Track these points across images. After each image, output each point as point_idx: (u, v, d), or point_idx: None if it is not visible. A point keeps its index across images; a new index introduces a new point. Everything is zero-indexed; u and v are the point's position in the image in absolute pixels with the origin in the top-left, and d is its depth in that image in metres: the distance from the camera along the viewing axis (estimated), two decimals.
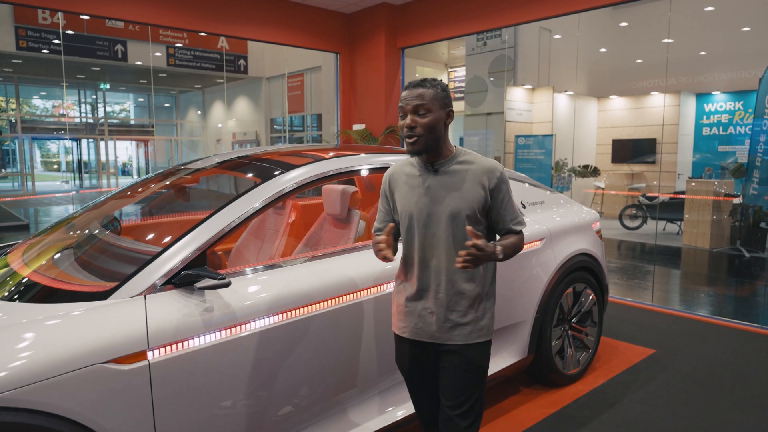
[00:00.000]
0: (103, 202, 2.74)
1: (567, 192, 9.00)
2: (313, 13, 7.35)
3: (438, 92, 1.77)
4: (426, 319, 1.84)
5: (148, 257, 1.85)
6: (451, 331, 1.82)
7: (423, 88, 1.76)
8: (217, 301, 1.81)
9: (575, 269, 3.26)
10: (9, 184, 17.48)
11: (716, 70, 9.56)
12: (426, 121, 1.74)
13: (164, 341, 1.66)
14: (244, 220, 1.99)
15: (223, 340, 1.78)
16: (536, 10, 5.88)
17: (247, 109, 15.95)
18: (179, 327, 1.70)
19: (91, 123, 18.63)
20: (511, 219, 1.85)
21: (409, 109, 1.75)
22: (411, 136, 1.75)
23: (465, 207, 1.77)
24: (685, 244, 7.80)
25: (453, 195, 1.78)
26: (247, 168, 2.52)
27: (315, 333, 2.06)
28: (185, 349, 1.70)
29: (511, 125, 9.37)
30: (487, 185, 1.80)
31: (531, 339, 2.99)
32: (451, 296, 1.80)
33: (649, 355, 3.74)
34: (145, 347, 1.62)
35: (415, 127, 1.74)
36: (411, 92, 1.76)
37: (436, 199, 1.80)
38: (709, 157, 9.69)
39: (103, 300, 1.69)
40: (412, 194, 1.84)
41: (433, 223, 1.79)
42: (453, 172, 1.80)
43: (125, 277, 1.76)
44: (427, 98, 1.75)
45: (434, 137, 1.76)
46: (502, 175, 1.82)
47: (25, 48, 11.23)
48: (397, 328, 1.94)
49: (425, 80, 1.79)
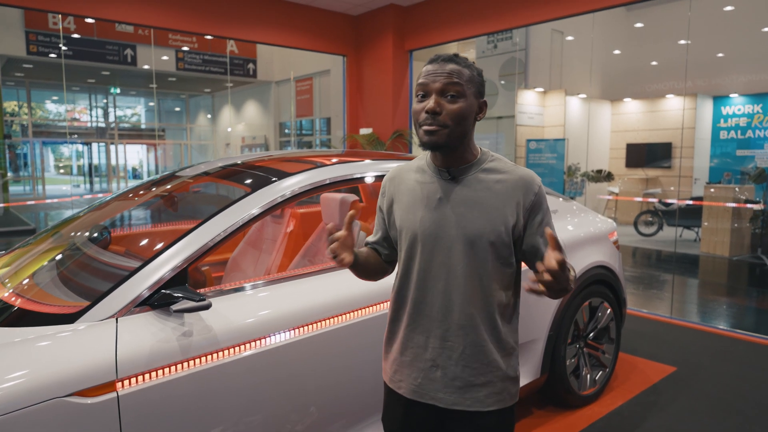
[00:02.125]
0: (91, 211, 2.59)
1: (580, 198, 8.77)
2: (319, 16, 7.22)
3: (474, 75, 1.32)
4: (428, 374, 1.38)
5: (126, 274, 1.70)
6: (462, 393, 1.36)
7: (456, 64, 1.30)
8: (197, 324, 1.64)
9: (591, 283, 3.06)
10: (20, 187, 17.56)
11: (734, 72, 9.29)
12: (456, 108, 1.27)
13: (136, 370, 1.50)
14: (230, 234, 1.82)
15: (202, 368, 1.61)
16: (548, 10, 5.68)
17: (256, 113, 15.89)
18: (153, 354, 1.53)
19: (102, 127, 18.70)
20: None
21: (436, 87, 1.28)
22: (431, 124, 1.28)
23: (489, 230, 1.31)
24: (703, 251, 7.54)
25: (474, 213, 1.32)
26: (239, 176, 2.36)
27: (305, 358, 1.88)
28: (159, 378, 1.54)
29: (522, 129, 9.17)
30: (522, 202, 1.34)
31: (544, 358, 2.80)
32: (465, 346, 1.35)
33: (670, 373, 3.52)
34: (113, 377, 1.46)
35: (439, 113, 1.27)
36: (440, 66, 1.29)
37: (448, 217, 1.33)
38: (727, 161, 9.40)
39: (70, 323, 1.53)
40: (417, 208, 1.37)
41: (442, 250, 1.33)
42: (476, 182, 1.34)
43: (96, 298, 1.60)
44: (462, 78, 1.29)
45: (461, 132, 1.30)
46: (541, 191, 1.36)
47: (35, 53, 11.25)
48: (388, 378, 1.47)
49: (457, 56, 1.32)
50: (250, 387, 1.73)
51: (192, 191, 2.95)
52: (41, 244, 2.36)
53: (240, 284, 1.89)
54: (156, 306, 1.63)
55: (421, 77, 1.32)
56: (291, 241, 3.02)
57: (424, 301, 1.36)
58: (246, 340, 1.72)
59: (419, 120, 1.31)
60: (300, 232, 3.09)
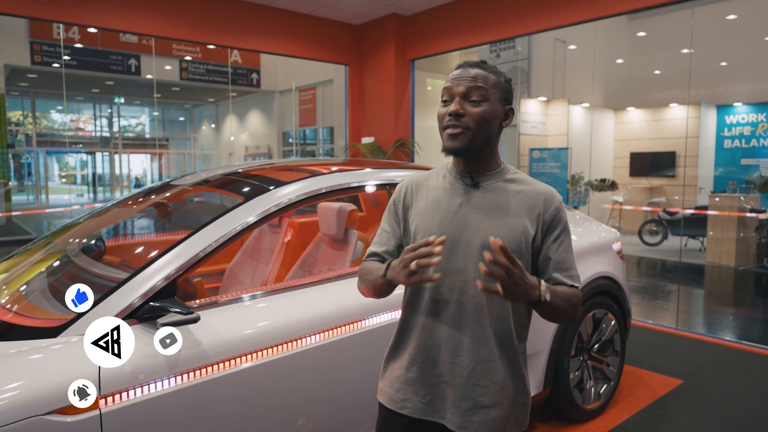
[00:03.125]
0: (84, 221, 2.55)
1: (584, 207, 8.71)
2: (322, 25, 7.21)
3: (500, 81, 1.31)
4: (437, 391, 1.31)
5: (114, 285, 1.65)
6: (470, 416, 1.29)
7: (482, 69, 1.30)
8: (186, 337, 1.58)
9: (595, 294, 2.99)
10: (24, 197, 17.60)
11: (738, 81, 9.25)
12: (479, 111, 1.26)
13: (120, 386, 1.44)
14: (221, 244, 1.77)
15: (189, 383, 1.55)
16: (550, 19, 5.66)
17: (260, 123, 15.93)
18: (138, 369, 1.48)
19: (106, 137, 18.77)
20: (564, 268, 1.31)
21: (460, 91, 1.27)
22: (455, 127, 1.26)
23: (509, 238, 1.27)
24: (709, 261, 7.46)
25: (493, 220, 1.29)
26: (233, 185, 2.32)
27: (298, 373, 1.82)
28: (145, 395, 1.48)
29: (525, 138, 9.13)
30: (541, 215, 1.31)
31: (547, 371, 2.73)
32: (477, 362, 1.28)
33: (677, 386, 3.44)
34: (96, 394, 1.40)
35: (462, 116, 1.26)
36: (465, 71, 1.29)
37: (468, 223, 1.29)
38: (732, 170, 9.34)
39: (53, 337, 1.48)
40: (436, 213, 1.33)
41: (460, 255, 1.28)
42: (498, 190, 1.32)
43: (82, 311, 1.55)
44: (486, 83, 1.28)
45: (485, 136, 1.28)
46: (561, 207, 1.34)
47: (40, 62, 11.32)
48: (387, 398, 1.38)
49: (485, 62, 1.33)
50: (240, 403, 1.67)
51: (191, 200, 2.91)
52: (34, 255, 2.32)
53: (231, 296, 1.84)
54: (143, 319, 1.58)
55: (447, 82, 1.32)
56: (288, 251, 2.97)
57: (437, 310, 1.31)
58: (236, 354, 1.66)
59: (443, 123, 1.30)
60: (298, 242, 3.04)
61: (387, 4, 6.66)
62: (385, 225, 1.45)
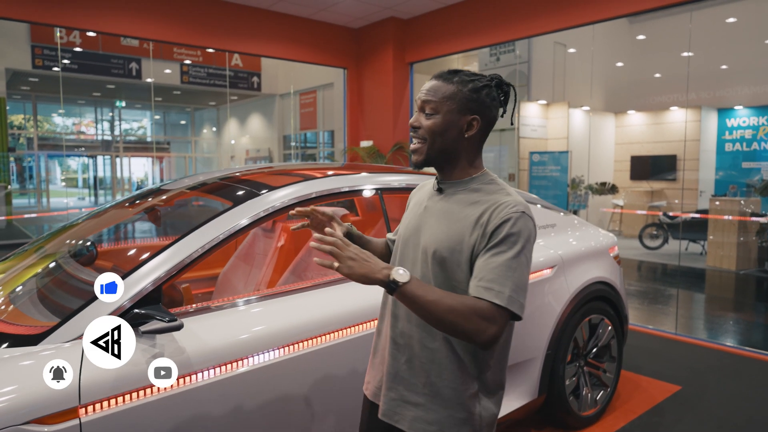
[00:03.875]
0: (76, 225, 2.53)
1: (584, 211, 8.67)
2: (320, 29, 7.21)
3: (460, 91, 1.28)
4: (383, 378, 1.40)
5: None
6: (394, 407, 1.35)
7: (441, 80, 1.32)
8: (169, 345, 1.56)
9: (591, 299, 2.96)
10: (25, 200, 17.62)
11: (738, 84, 9.20)
12: (429, 124, 1.30)
13: (100, 395, 1.42)
14: (209, 250, 1.75)
15: (172, 392, 1.53)
16: (548, 22, 5.64)
17: (261, 126, 15.94)
18: (120, 378, 1.45)
19: (107, 140, 18.79)
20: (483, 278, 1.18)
21: (418, 104, 1.34)
22: (415, 139, 1.34)
23: (444, 245, 1.27)
24: (710, 265, 7.41)
25: (439, 225, 1.31)
26: (223, 190, 2.29)
27: (285, 381, 1.79)
28: (126, 404, 1.46)
29: (525, 141, 9.10)
30: (485, 223, 1.23)
31: (542, 377, 2.70)
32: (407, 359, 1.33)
33: (675, 392, 3.40)
34: (75, 403, 1.38)
35: (418, 128, 1.32)
36: (426, 84, 1.34)
37: (422, 226, 1.35)
38: (733, 174, 9.29)
39: (34, 345, 1.45)
40: (409, 214, 1.45)
41: (408, 256, 1.37)
42: (457, 198, 1.33)
43: (64, 318, 1.53)
44: (437, 95, 1.30)
45: (441, 148, 1.30)
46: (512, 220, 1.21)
47: (41, 66, 11.33)
48: (365, 382, 1.52)
49: (455, 72, 1.32)
50: (226, 412, 1.65)
51: (186, 205, 2.89)
52: (24, 260, 2.30)
53: (218, 302, 1.81)
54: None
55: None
56: (282, 255, 2.94)
57: (388, 304, 1.42)
58: (221, 362, 1.64)
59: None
60: (291, 247, 3.01)
61: (385, 7, 6.65)
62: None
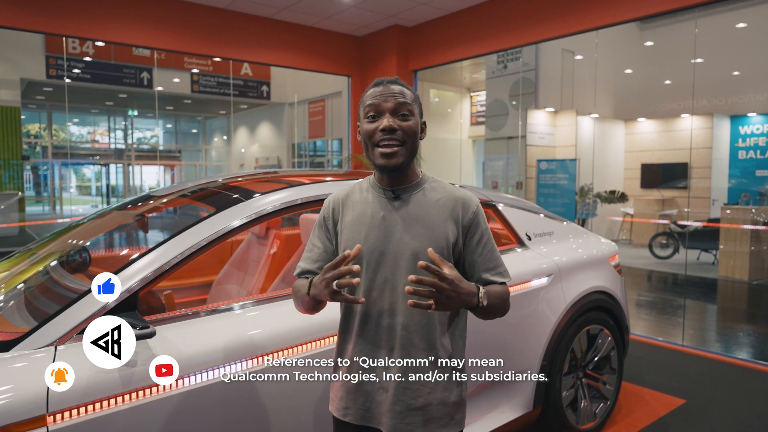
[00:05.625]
0: (68, 230, 2.53)
1: (592, 219, 8.57)
2: (325, 37, 7.23)
3: (416, 96, 1.40)
4: (375, 397, 1.36)
5: (75, 297, 1.61)
6: (402, 418, 1.34)
7: (399, 85, 1.37)
8: (143, 353, 1.54)
9: (589, 309, 2.89)
10: (39, 207, 17.88)
11: (751, 90, 9.06)
12: (410, 125, 1.34)
13: (70, 403, 1.39)
14: (188, 256, 1.73)
15: (143, 401, 1.50)
16: (555, 27, 5.59)
17: (270, 135, 16.04)
18: (91, 385, 1.43)
19: (120, 149, 19.01)
20: (489, 267, 1.40)
21: (388, 107, 1.33)
22: (391, 144, 1.32)
23: (430, 246, 1.33)
24: (721, 275, 7.26)
25: (416, 229, 1.35)
26: (209, 197, 2.28)
27: (262, 391, 1.75)
28: (96, 412, 1.43)
29: (532, 149, 9.03)
30: (460, 220, 1.39)
31: (537, 389, 2.63)
32: (406, 366, 1.34)
33: (679, 406, 3.31)
34: (43, 411, 1.36)
35: (396, 131, 1.32)
36: (387, 89, 1.35)
37: (391, 234, 1.36)
38: (746, 182, 9.13)
39: (5, 351, 1.44)
40: (361, 226, 1.38)
41: (387, 266, 1.34)
42: (417, 201, 1.38)
43: (37, 324, 1.51)
44: (408, 97, 1.36)
45: (414, 150, 1.38)
46: (479, 210, 1.42)
47: (55, 76, 11.51)
48: (334, 407, 1.44)
49: (399, 79, 1.41)
50: (199, 423, 1.62)
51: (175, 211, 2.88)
52: (14, 266, 2.29)
53: (199, 309, 1.79)
54: None
55: (370, 98, 1.37)
56: (274, 263, 2.92)
57: (370, 320, 1.37)
58: (196, 370, 1.61)
59: (375, 139, 1.35)
60: (284, 254, 3.00)
61: (389, 15, 6.65)
62: (315, 241, 1.47)
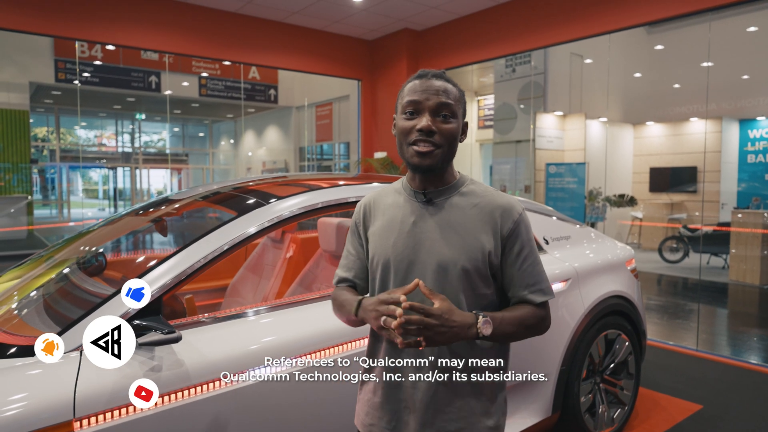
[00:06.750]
0: (85, 234, 2.53)
1: (601, 223, 8.53)
2: (334, 41, 7.25)
3: (461, 95, 1.27)
4: (401, 416, 1.26)
5: (98, 301, 1.60)
6: None
7: (447, 82, 1.24)
8: (168, 358, 1.53)
9: (607, 314, 2.87)
10: (47, 211, 17.97)
11: (761, 94, 9.01)
12: (451, 129, 1.22)
13: (96, 409, 1.39)
14: (210, 261, 1.72)
15: (170, 406, 1.50)
16: (564, 32, 5.59)
17: (277, 138, 16.08)
18: (116, 391, 1.42)
19: (128, 152, 19.09)
20: (528, 284, 1.25)
21: (430, 105, 1.21)
22: (426, 144, 1.21)
23: (463, 257, 1.21)
24: (732, 279, 7.21)
25: (448, 238, 1.23)
26: (229, 200, 2.28)
27: (287, 396, 1.75)
28: (122, 418, 1.42)
29: (541, 153, 9.00)
30: (499, 229, 1.24)
31: (556, 395, 2.61)
32: (437, 387, 1.23)
33: (696, 411, 3.28)
34: (70, 417, 1.35)
35: (434, 133, 1.21)
36: (430, 84, 1.23)
37: (422, 242, 1.24)
38: (756, 186, 9.07)
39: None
40: (390, 233, 1.28)
41: (416, 276, 1.23)
42: (451, 205, 1.26)
43: (62, 329, 1.51)
44: (454, 98, 1.24)
45: (452, 154, 1.25)
46: (521, 219, 1.26)
47: (63, 80, 11.57)
48: (360, 422, 1.36)
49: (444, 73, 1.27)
50: (225, 427, 1.61)
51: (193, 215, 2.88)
52: (33, 270, 2.30)
53: (219, 314, 1.78)
54: None
55: (409, 93, 1.24)
56: (290, 267, 2.91)
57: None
58: (221, 375, 1.60)
59: (409, 139, 1.23)
60: (300, 258, 2.99)
61: (399, 19, 6.66)
62: (350, 247, 1.40)
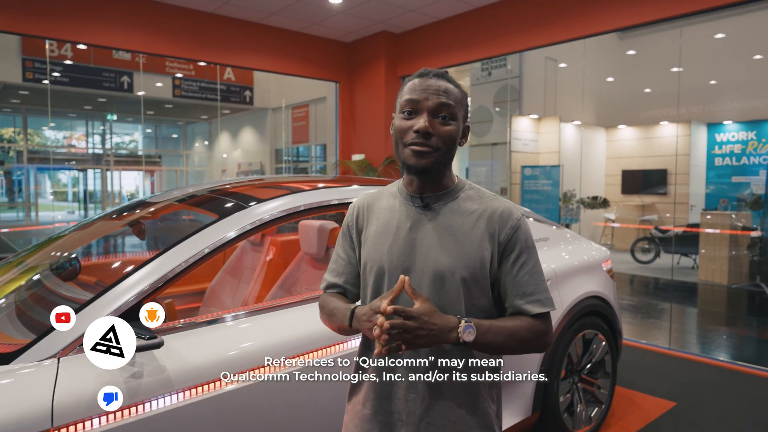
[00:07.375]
0: (58, 238, 2.46)
1: (575, 225, 8.67)
2: (312, 43, 7.22)
3: (463, 96, 1.22)
4: (393, 429, 1.21)
5: (76, 307, 1.56)
6: None
7: (448, 82, 1.20)
8: (149, 364, 1.50)
9: (585, 314, 2.92)
10: (14, 214, 17.44)
11: (727, 99, 9.31)
12: (450, 131, 1.17)
13: (75, 417, 1.35)
14: (191, 265, 1.70)
15: (151, 413, 1.47)
16: (540, 36, 5.67)
17: (253, 140, 15.94)
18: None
19: (98, 153, 18.67)
20: (525, 293, 1.19)
21: (429, 106, 1.16)
22: (423, 146, 1.16)
23: (462, 266, 1.17)
24: (701, 279, 7.41)
25: (446, 245, 1.18)
26: (209, 203, 2.24)
27: (270, 402, 1.73)
28: (101, 426, 1.39)
29: (516, 155, 9.12)
30: (496, 235, 1.20)
31: (535, 395, 2.64)
32: (431, 399, 1.19)
33: (670, 408, 3.36)
34: (48, 426, 1.31)
35: (432, 135, 1.16)
36: (431, 83, 1.18)
37: (418, 249, 1.20)
38: (723, 188, 9.35)
39: (5, 364, 1.39)
40: (385, 237, 1.23)
41: (414, 285, 1.18)
42: (450, 211, 1.22)
43: (38, 336, 1.47)
44: (455, 99, 1.19)
45: (450, 157, 1.21)
46: (520, 224, 1.21)
47: (31, 79, 11.25)
48: None
49: (447, 72, 1.23)
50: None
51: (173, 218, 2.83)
52: (4, 274, 2.22)
53: (202, 318, 1.75)
54: None
55: (408, 92, 1.19)
56: (270, 270, 2.89)
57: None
58: (204, 381, 1.58)
59: (405, 139, 1.18)
60: (280, 261, 2.96)
61: (377, 21, 6.67)
62: (340, 251, 1.34)
